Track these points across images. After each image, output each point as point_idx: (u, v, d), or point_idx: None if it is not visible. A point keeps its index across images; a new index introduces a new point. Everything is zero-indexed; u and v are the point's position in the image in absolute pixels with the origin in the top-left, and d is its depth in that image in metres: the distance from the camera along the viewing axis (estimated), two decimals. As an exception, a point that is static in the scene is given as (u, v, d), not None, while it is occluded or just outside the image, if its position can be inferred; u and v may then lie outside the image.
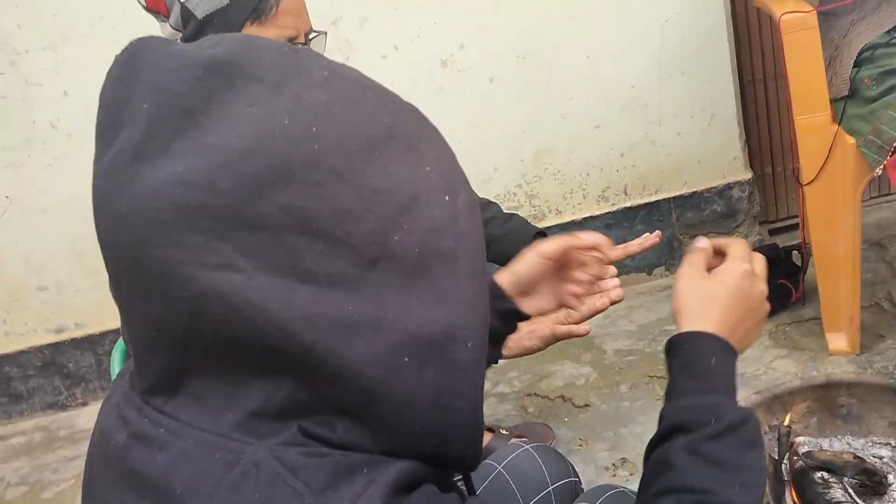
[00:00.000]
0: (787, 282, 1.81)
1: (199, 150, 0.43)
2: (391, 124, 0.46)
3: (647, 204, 2.06)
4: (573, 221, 2.08)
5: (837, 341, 1.68)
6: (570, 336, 0.93)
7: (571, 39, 1.89)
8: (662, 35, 1.88)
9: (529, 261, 0.82)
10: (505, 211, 1.36)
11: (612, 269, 0.91)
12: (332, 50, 1.86)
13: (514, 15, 1.87)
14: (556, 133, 1.99)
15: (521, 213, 2.08)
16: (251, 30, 1.02)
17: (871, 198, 2.17)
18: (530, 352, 0.93)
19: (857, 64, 1.55)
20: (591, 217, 2.08)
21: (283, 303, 0.43)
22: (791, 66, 1.54)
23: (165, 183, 0.42)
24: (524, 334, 0.96)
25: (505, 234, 1.25)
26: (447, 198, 0.47)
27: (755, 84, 2.04)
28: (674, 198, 2.05)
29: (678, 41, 1.88)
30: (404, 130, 0.47)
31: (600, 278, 0.86)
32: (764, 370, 1.71)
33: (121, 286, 0.47)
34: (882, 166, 1.45)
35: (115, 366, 1.08)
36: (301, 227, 0.43)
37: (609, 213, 2.08)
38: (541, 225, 2.09)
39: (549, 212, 2.09)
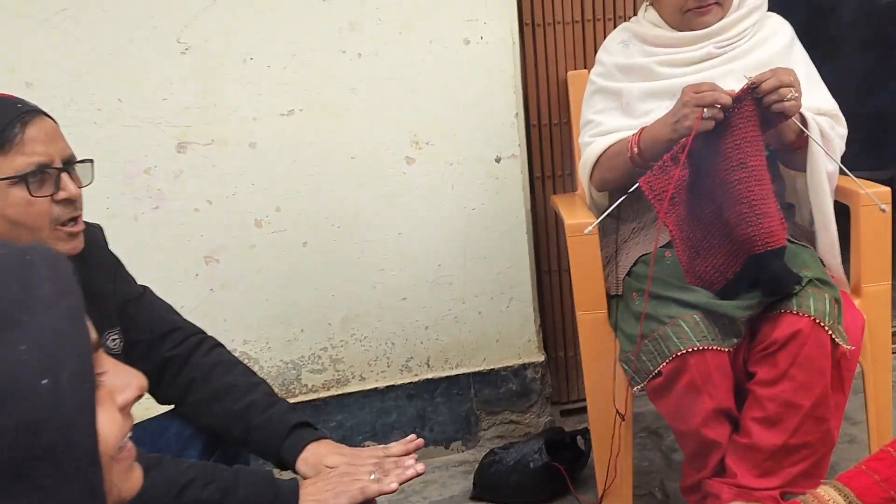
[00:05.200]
0: (566, 466, 1.85)
1: None
2: None
3: (447, 377, 2.11)
4: (376, 389, 2.09)
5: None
6: (380, 493, 1.03)
7: (384, 216, 1.98)
8: (468, 222, 2.02)
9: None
10: (273, 395, 1.25)
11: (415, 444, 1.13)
12: (143, 199, 1.84)
13: (331, 187, 1.95)
14: (364, 301, 2.04)
15: (326, 376, 2.07)
16: None
17: (651, 386, 2.35)
18: None
19: (630, 273, 1.61)
20: (393, 386, 2.10)
21: None
22: (574, 266, 1.70)
23: None
24: (330, 494, 1.02)
25: (262, 424, 1.19)
26: (46, 381, 0.42)
27: (551, 274, 2.21)
28: (473, 373, 2.12)
29: (482, 229, 2.03)
30: None
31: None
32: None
33: None
34: (642, 386, 1.49)
35: None
36: None
37: (411, 383, 2.10)
38: (344, 391, 2.08)
39: (353, 378, 2.09)
